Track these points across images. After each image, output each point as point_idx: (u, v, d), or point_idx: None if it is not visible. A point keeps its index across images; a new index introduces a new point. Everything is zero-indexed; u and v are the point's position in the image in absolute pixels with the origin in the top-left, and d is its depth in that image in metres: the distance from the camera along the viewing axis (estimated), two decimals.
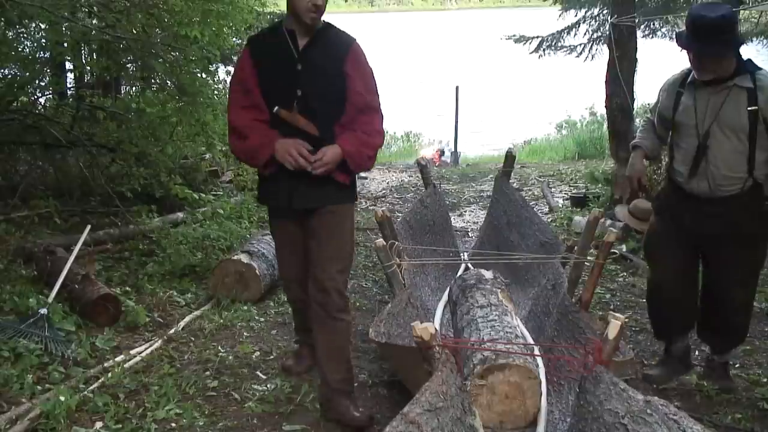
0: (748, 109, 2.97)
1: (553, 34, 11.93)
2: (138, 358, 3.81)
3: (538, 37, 12.01)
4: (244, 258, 4.89)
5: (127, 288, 4.93)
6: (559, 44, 11.89)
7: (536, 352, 3.02)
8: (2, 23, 6.12)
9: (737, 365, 3.69)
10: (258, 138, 2.91)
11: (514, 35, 12.23)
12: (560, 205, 8.00)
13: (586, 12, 11.33)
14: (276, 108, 2.88)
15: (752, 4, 10.89)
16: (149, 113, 6.65)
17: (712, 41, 2.94)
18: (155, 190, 6.59)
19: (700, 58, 3.06)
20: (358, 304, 4.84)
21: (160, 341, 4.08)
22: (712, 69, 3.02)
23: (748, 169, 3.07)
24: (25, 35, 6.88)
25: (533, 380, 2.73)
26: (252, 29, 8.35)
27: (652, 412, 1.79)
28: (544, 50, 12.02)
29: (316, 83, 2.92)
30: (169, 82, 7.05)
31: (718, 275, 3.31)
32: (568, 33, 11.77)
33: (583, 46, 11.63)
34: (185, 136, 7.04)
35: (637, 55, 6.96)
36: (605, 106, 7.62)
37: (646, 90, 7.23)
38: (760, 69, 3.06)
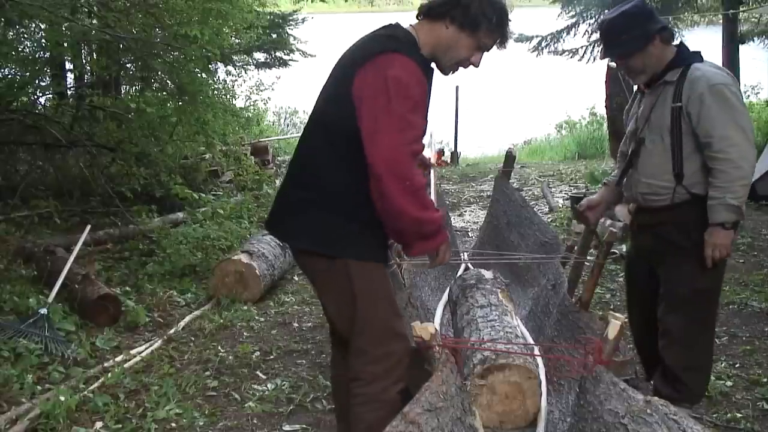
0: (672, 105, 2.69)
1: (552, 33, 11.93)
2: (138, 358, 3.81)
3: (537, 36, 12.01)
4: (244, 258, 4.89)
5: (127, 288, 4.94)
6: (560, 47, 11.88)
7: (536, 352, 3.02)
8: (2, 23, 6.12)
9: (737, 365, 3.69)
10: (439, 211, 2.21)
11: (513, 33, 12.23)
12: (560, 205, 7.99)
13: (584, 12, 11.32)
14: None
15: (752, 5, 10.89)
16: (149, 113, 6.66)
17: (614, 42, 2.80)
18: (155, 190, 6.60)
19: (616, 62, 2.89)
20: None
21: (160, 341, 4.08)
22: (634, 70, 2.82)
23: (674, 177, 2.72)
24: (25, 35, 6.89)
25: (533, 380, 2.73)
26: (252, 29, 8.37)
27: (652, 412, 1.79)
28: (542, 49, 12.03)
29: None
30: (169, 81, 7.06)
31: (658, 299, 2.90)
32: (567, 33, 11.76)
33: (584, 48, 11.62)
34: (185, 135, 7.05)
35: None
36: (605, 106, 7.63)
37: None
38: (699, 61, 2.72)
